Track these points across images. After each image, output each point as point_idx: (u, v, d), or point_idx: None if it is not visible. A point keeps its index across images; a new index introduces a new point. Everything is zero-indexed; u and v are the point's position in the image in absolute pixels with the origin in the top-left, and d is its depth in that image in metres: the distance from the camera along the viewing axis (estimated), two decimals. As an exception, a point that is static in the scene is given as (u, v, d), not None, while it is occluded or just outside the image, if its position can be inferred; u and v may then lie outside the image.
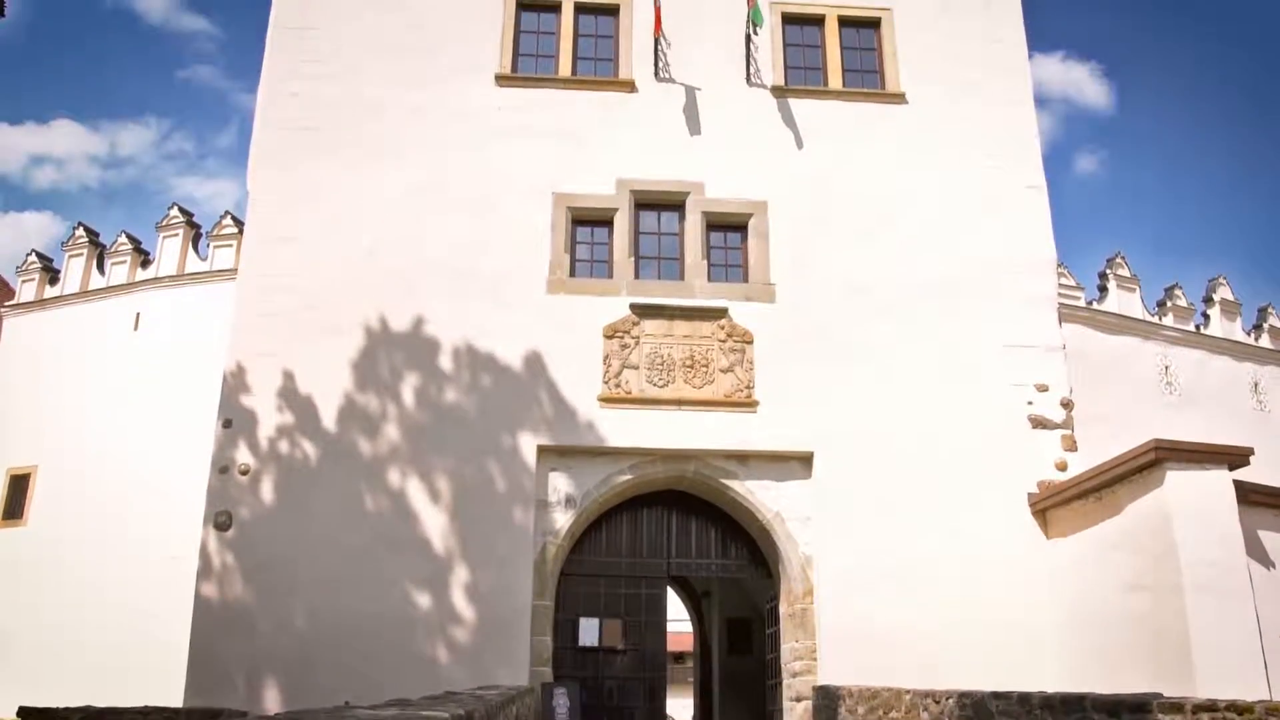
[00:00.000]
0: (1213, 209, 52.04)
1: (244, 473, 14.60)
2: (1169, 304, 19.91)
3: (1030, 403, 15.62)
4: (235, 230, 18.41)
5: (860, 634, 14.25)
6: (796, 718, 14.58)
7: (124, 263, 19.39)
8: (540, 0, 17.55)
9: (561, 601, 15.04)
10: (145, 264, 19.35)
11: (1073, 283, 18.79)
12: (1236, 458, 12.33)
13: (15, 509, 18.16)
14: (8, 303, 20.33)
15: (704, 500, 15.83)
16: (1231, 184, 51.71)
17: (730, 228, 16.61)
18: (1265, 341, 20.77)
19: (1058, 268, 16.91)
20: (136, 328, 18.63)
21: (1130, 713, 7.18)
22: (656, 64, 17.04)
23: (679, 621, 22.46)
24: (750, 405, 15.39)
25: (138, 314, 18.72)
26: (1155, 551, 12.36)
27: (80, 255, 19.93)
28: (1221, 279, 20.89)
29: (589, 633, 15.28)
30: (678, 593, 22.63)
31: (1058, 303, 16.48)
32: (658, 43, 17.00)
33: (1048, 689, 9.80)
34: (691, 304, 15.87)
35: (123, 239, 19.59)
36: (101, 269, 19.73)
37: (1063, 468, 15.18)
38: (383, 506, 14.54)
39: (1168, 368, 18.90)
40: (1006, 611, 14.33)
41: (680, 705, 25.09)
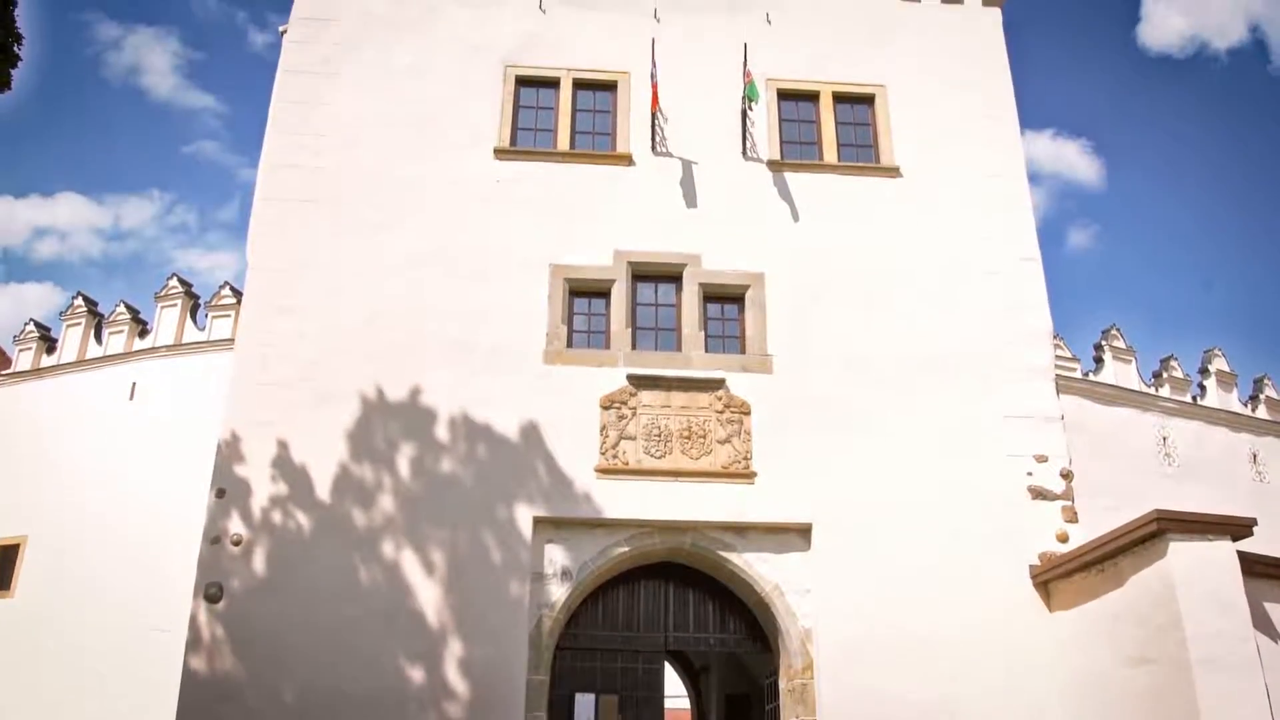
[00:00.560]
0: (1206, 279, 52.54)
1: (236, 543, 14.42)
2: (1165, 375, 19.96)
3: (1030, 474, 15.54)
4: (234, 300, 18.46)
5: (861, 709, 13.99)
6: (797, 797, 14.23)
7: (121, 332, 19.40)
8: (539, 76, 17.85)
9: (557, 677, 14.74)
10: (143, 334, 19.37)
11: (1069, 354, 18.86)
12: (1240, 528, 12.24)
13: (3, 580, 17.89)
14: (4, 372, 20.29)
15: (702, 573, 15.63)
16: (1223, 256, 52.35)
17: (727, 299, 16.66)
18: (1262, 412, 20.78)
19: (1054, 339, 16.96)
20: (132, 397, 18.56)
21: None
22: (654, 138, 17.27)
23: (677, 698, 22.04)
24: (748, 476, 15.29)
25: (133, 384, 18.67)
26: (1159, 624, 12.18)
27: (78, 325, 19.94)
28: (1216, 350, 20.98)
29: (585, 709, 14.96)
30: (675, 668, 22.26)
31: (1055, 373, 16.50)
32: (655, 117, 17.25)
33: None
34: (689, 375, 15.86)
35: (121, 309, 19.63)
36: (99, 339, 19.73)
37: (1064, 539, 15.04)
38: (376, 578, 14.34)
39: (1166, 439, 18.88)
40: (1009, 685, 14.09)
41: (677, 785, 24.51)
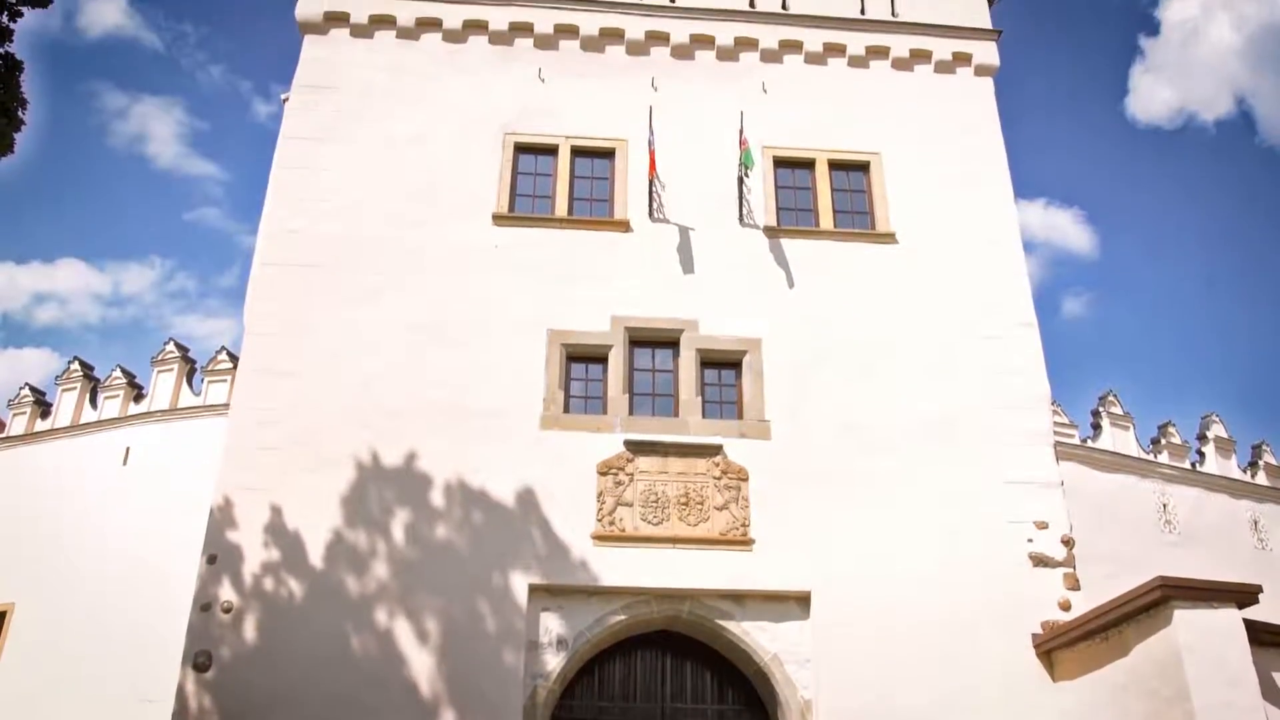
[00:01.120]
0: (1200, 347, 52.69)
1: (226, 610, 14.20)
2: (1163, 441, 19.89)
3: (1030, 540, 15.41)
4: (230, 365, 18.39)
5: (863, 784, 13.68)
6: None
7: (116, 397, 19.30)
8: (538, 143, 18.05)
9: (552, 749, 14.45)
10: (138, 398, 19.27)
11: (1066, 420, 18.80)
12: (1245, 595, 12.10)
13: (-11, 647, 17.56)
14: (-3, 437, 20.13)
15: (699, 641, 15.39)
16: (1217, 322, 52.55)
17: (724, 365, 16.66)
18: (1261, 479, 20.68)
19: (1052, 405, 16.93)
20: (125, 463, 18.41)
21: None
22: (651, 204, 17.40)
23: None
24: (746, 544, 15.15)
25: (127, 448, 18.52)
26: (1166, 695, 11.98)
27: (73, 389, 19.84)
28: (1214, 416, 20.94)
29: (580, 782, 14.65)
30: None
31: (1054, 439, 16.44)
32: (652, 184, 17.40)
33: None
34: (686, 441, 15.79)
35: (116, 373, 19.57)
36: (94, 403, 19.62)
37: (1066, 607, 14.87)
38: (369, 647, 14.10)
39: (1166, 505, 18.75)
40: (1014, 759, 13.81)
41: None
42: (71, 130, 52.99)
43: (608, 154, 18.10)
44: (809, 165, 18.38)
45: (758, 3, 19.62)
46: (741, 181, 17.55)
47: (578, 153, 18.10)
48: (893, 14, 19.83)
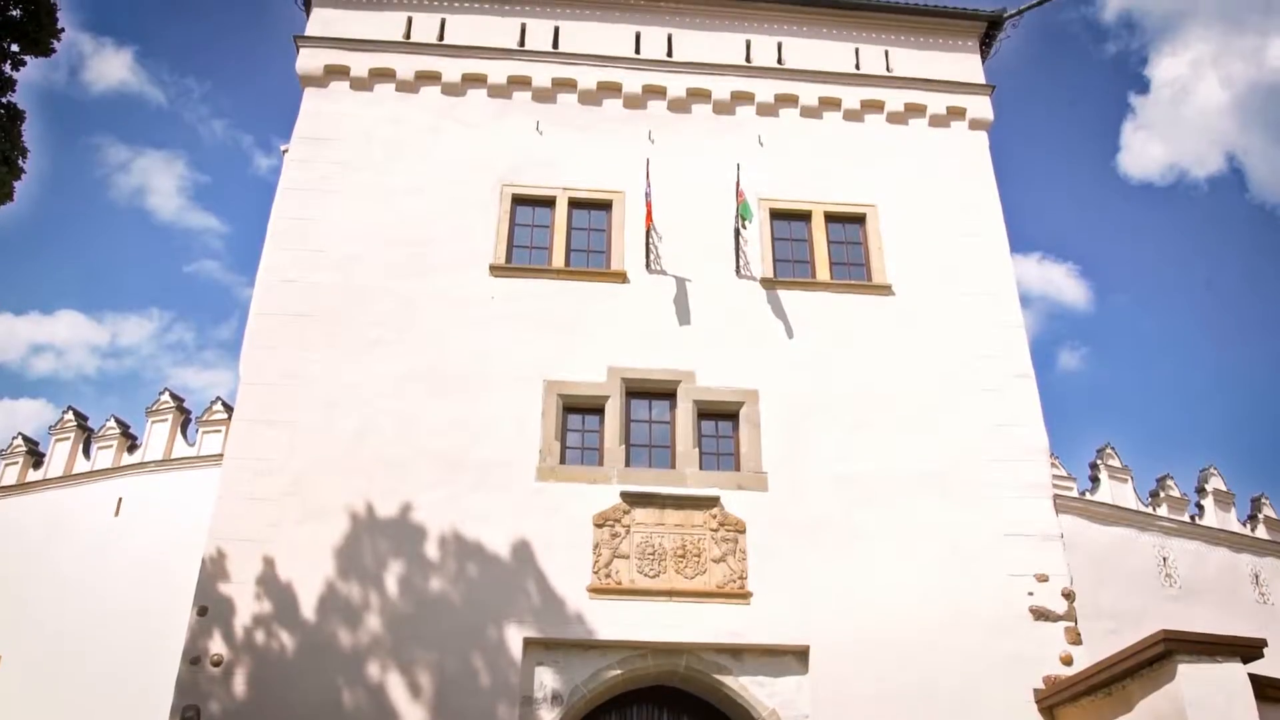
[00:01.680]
0: (1197, 400, 52.76)
1: (216, 664, 13.98)
2: (1162, 494, 19.76)
3: (1031, 593, 15.27)
4: (225, 416, 18.27)
5: (864, 844, 13.41)
6: None
7: (110, 447, 19.15)
8: (535, 195, 18.15)
9: (546, 807, 14.16)
10: (132, 449, 19.13)
11: (1064, 473, 18.68)
12: (1250, 649, 11.94)
13: (-26, 703, 17.25)
14: (-13, 487, 19.95)
15: (697, 696, 15.18)
16: (1213, 375, 52.62)
17: (721, 416, 16.61)
18: (1261, 532, 20.53)
19: (1050, 457, 16.85)
20: (118, 513, 18.22)
21: None
22: (648, 256, 17.46)
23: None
24: (743, 597, 14.99)
25: (119, 499, 18.35)
26: (1172, 753, 11.77)
27: (66, 439, 19.69)
28: (1212, 469, 20.84)
29: (575, 842, 14.33)
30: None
31: (1053, 491, 16.34)
32: (649, 235, 17.48)
33: None
34: (683, 493, 15.69)
35: (111, 423, 19.44)
36: (87, 453, 19.47)
37: (1068, 661, 14.69)
38: (361, 702, 13.88)
39: (1166, 559, 18.58)
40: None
41: None
42: (74, 183, 53.33)
43: (605, 206, 18.20)
44: (805, 217, 18.48)
45: (753, 57, 19.86)
46: (738, 233, 17.64)
47: (575, 204, 18.20)
48: (887, 69, 20.08)
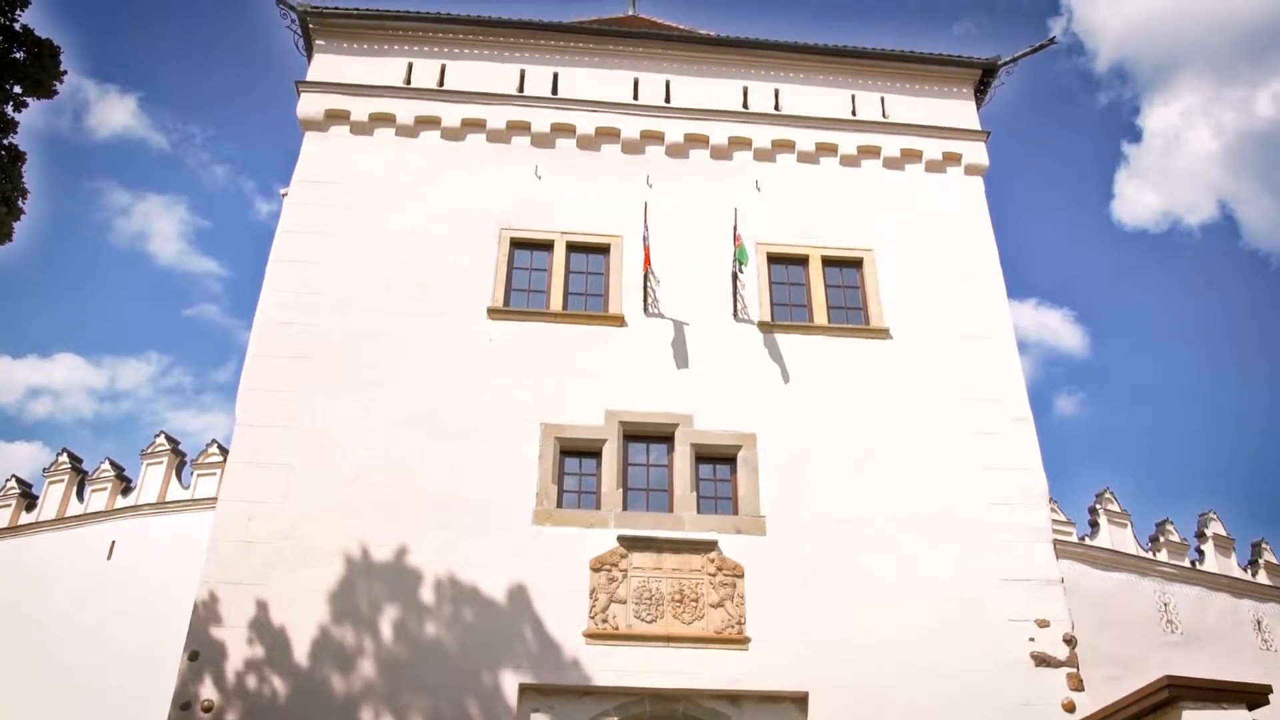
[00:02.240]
0: (1194, 445, 52.77)
1: (207, 709, 13.76)
2: (1162, 539, 19.72)
3: (1031, 639, 15.09)
4: (220, 459, 18.25)
5: None
6: None
7: (104, 489, 19.08)
8: (533, 239, 18.19)
9: None
10: (126, 491, 19.05)
11: (1064, 518, 18.65)
12: (1255, 696, 11.75)
13: (-39, 749, 17.03)
14: (-21, 530, 19.81)
15: (694, 745, 14.96)
16: (1210, 419, 52.70)
17: (719, 460, 16.53)
18: (1263, 577, 20.45)
19: (1049, 502, 16.77)
20: (110, 556, 18.11)
21: None
22: (646, 299, 17.48)
23: None
24: (742, 642, 14.83)
25: (113, 542, 18.24)
26: (1177, 803, 11.58)
27: (60, 481, 19.64)
28: (1212, 514, 20.81)
29: None
30: None
31: (1053, 535, 16.25)
32: (647, 279, 17.51)
33: None
34: (681, 536, 15.57)
35: (105, 466, 19.39)
36: (80, 496, 19.38)
37: (1070, 708, 14.49)
38: (353, 750, 13.67)
39: (1167, 604, 18.49)
40: None
41: None
42: (75, 226, 53.57)
43: (603, 249, 18.25)
44: (802, 261, 18.53)
45: (751, 103, 20.02)
46: (736, 277, 17.68)
47: (573, 248, 18.24)
48: (883, 115, 20.25)
